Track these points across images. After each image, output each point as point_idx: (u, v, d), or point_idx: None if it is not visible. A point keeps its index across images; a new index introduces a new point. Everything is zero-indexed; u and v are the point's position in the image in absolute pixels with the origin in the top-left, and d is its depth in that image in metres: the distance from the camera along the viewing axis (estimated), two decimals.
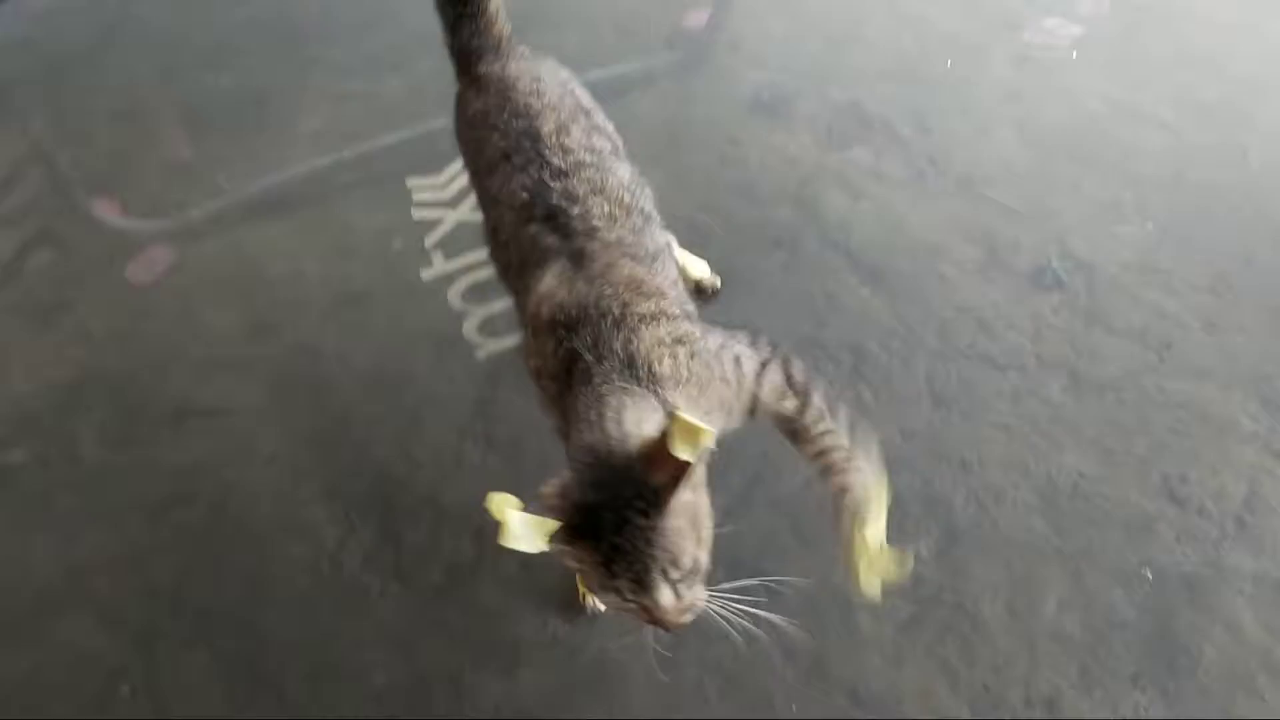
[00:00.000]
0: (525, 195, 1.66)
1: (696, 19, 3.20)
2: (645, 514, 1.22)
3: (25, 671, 1.99)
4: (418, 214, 2.66)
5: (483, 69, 1.87)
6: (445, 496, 2.12)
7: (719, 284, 2.39)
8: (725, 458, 2.07)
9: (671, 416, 1.18)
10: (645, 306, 1.49)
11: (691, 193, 2.66)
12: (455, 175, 2.74)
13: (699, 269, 2.39)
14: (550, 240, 1.60)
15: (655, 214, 1.79)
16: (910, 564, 1.59)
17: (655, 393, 1.40)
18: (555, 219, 1.62)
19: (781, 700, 1.79)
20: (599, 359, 1.42)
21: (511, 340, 2.37)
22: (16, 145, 3.14)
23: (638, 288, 1.52)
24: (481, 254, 2.60)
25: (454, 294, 2.49)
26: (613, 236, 1.60)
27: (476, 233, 2.66)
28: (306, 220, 2.24)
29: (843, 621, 1.88)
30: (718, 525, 1.36)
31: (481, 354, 2.36)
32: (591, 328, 1.45)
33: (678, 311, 1.54)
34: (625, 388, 1.39)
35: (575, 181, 1.65)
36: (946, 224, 2.52)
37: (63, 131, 3.17)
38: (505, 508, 1.18)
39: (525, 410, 2.01)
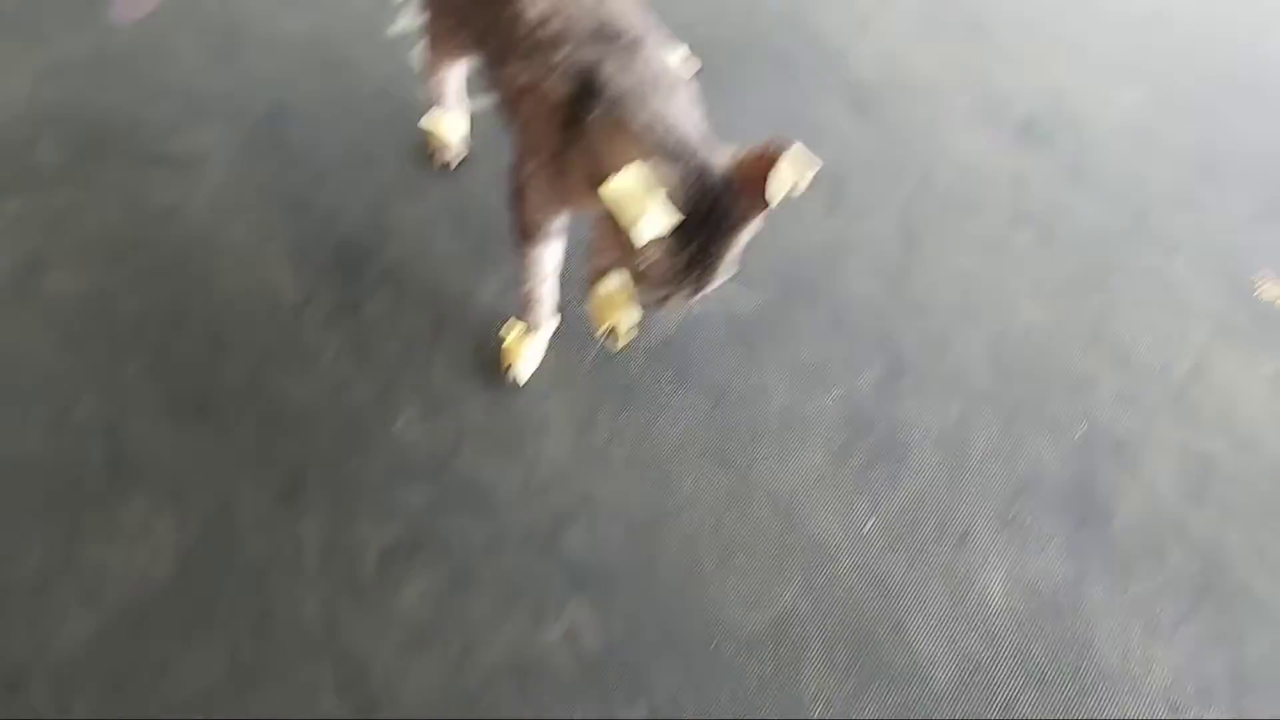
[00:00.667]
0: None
1: None
2: (730, 231, 1.30)
3: None
4: None
5: None
6: (407, 274, 2.12)
7: (698, 65, 2.30)
8: None
9: (778, 149, 1.23)
10: (654, 31, 1.53)
11: (696, 4, 2.58)
12: None
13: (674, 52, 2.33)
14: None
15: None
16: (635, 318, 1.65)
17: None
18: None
19: (707, 504, 1.84)
20: (630, 68, 1.42)
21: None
22: None
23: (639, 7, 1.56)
24: None
25: (418, 51, 2.45)
26: None
27: None
28: None
29: (779, 438, 1.91)
30: None
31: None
32: (611, 44, 1.45)
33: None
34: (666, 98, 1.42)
35: None
36: (947, 66, 2.46)
37: None
38: (650, 188, 1.22)
39: (492, 200, 2.00)
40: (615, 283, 1.50)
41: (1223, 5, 2.58)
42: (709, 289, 1.37)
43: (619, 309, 1.52)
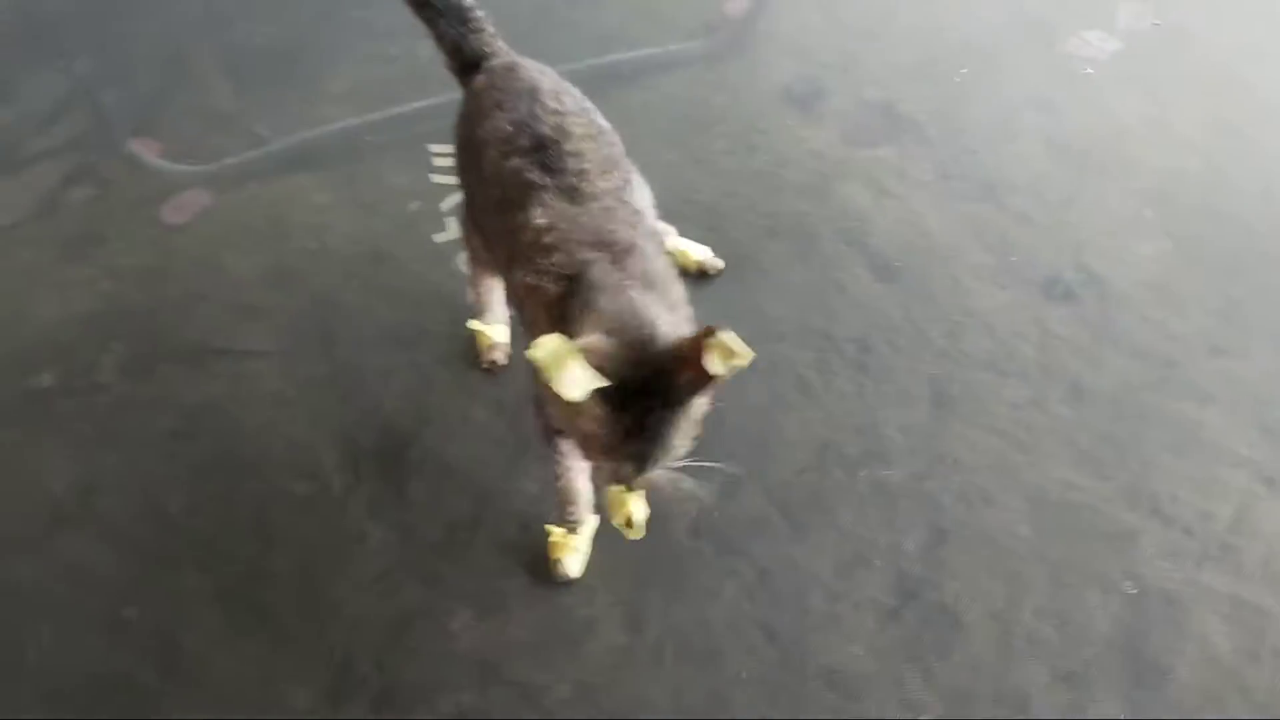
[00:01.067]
0: (509, 128, 1.70)
1: (737, 6, 3.22)
2: (669, 406, 1.34)
3: (31, 583, 2.06)
4: (436, 179, 2.71)
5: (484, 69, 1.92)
6: (450, 454, 2.18)
7: (721, 266, 2.43)
8: (720, 445, 2.13)
9: (710, 332, 1.27)
10: (651, 242, 1.62)
11: (714, 178, 2.69)
12: None
13: (700, 252, 2.43)
14: (536, 176, 1.64)
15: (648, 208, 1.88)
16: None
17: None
18: (544, 151, 1.65)
19: (754, 677, 1.84)
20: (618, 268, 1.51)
21: None
22: (61, 82, 3.20)
23: (638, 223, 1.63)
24: None
25: (462, 260, 2.55)
26: (604, 185, 1.64)
27: None
28: (335, 176, 2.30)
29: (826, 607, 1.92)
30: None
31: None
32: (605, 250, 1.53)
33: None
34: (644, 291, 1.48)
35: (569, 121, 1.71)
36: (965, 227, 2.54)
37: (107, 71, 3.23)
38: (568, 350, 1.25)
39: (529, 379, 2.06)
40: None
41: (1233, 158, 2.66)
42: (658, 464, 1.40)
43: (630, 499, 1.59)
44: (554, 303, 1.52)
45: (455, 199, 2.26)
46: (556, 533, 1.96)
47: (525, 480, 2.12)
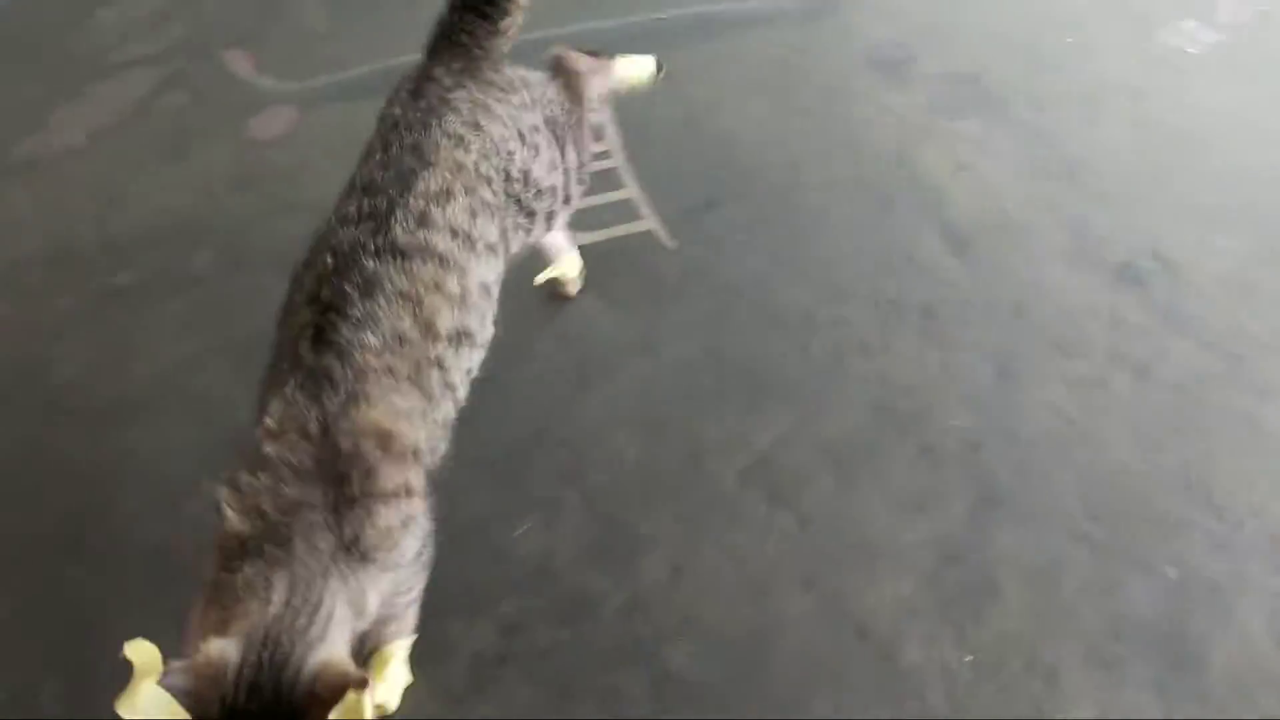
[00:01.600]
0: (328, 258, 1.49)
1: None
2: None
3: (119, 453, 2.15)
4: None
5: (439, 67, 1.76)
6: (512, 380, 2.22)
7: (577, 289, 2.33)
8: (782, 398, 2.16)
9: (357, 683, 1.12)
10: (391, 479, 1.35)
11: (793, 138, 2.70)
12: None
13: (571, 265, 2.28)
14: (304, 347, 1.42)
15: (487, 327, 1.64)
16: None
17: (357, 576, 1.30)
18: (330, 310, 1.43)
19: (791, 625, 1.88)
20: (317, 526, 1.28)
21: (596, 236, 2.49)
22: None
23: (387, 445, 1.36)
24: None
25: None
26: (384, 361, 1.41)
27: None
28: None
29: (865, 565, 1.95)
30: None
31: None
32: (322, 488, 1.30)
33: (419, 482, 1.42)
34: (336, 572, 1.28)
35: (394, 269, 1.46)
36: (1042, 205, 2.53)
37: None
38: (144, 669, 1.12)
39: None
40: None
41: None
42: None
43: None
44: (229, 543, 1.30)
45: None
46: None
47: (583, 407, 2.16)
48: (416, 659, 1.74)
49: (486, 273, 1.59)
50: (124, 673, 1.79)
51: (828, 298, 2.37)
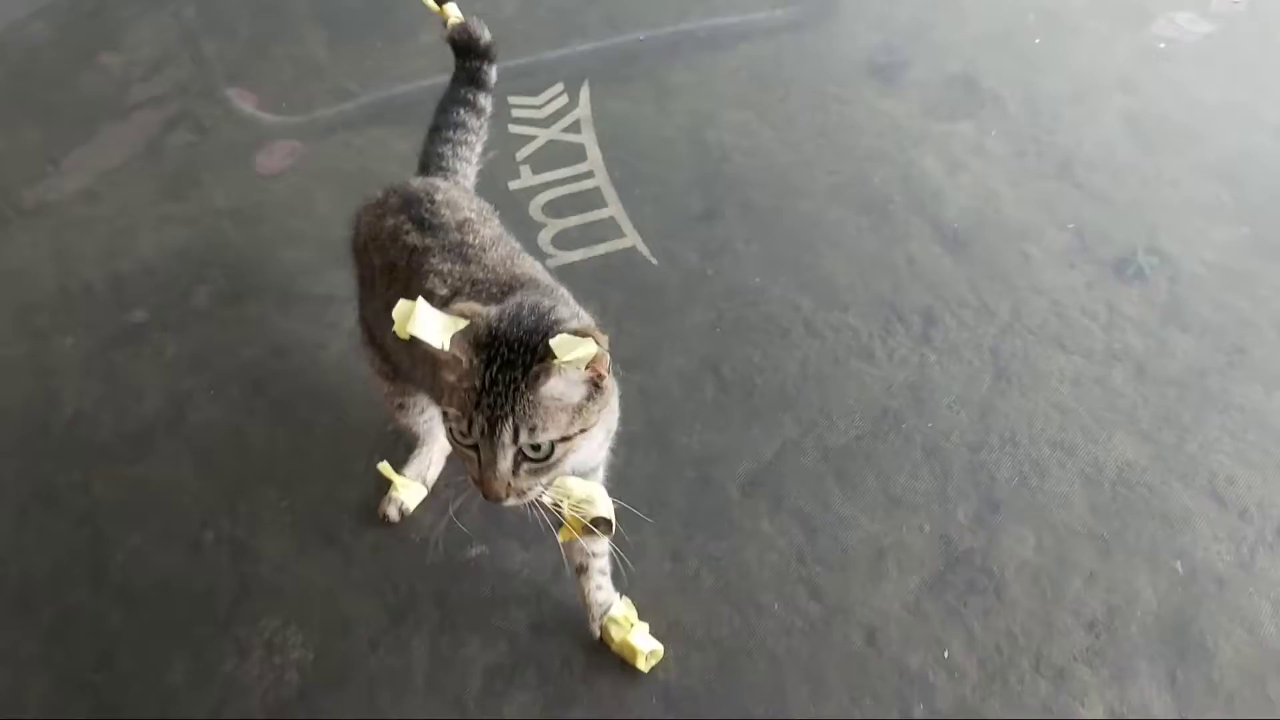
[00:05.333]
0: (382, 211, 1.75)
1: None
2: (525, 373, 1.29)
3: (120, 494, 2.18)
4: (514, 129, 2.79)
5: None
6: None
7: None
8: (783, 407, 2.18)
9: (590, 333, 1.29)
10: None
11: (789, 146, 2.72)
12: (552, 98, 2.93)
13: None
14: (416, 238, 1.67)
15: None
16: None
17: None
18: (416, 205, 1.71)
19: (799, 632, 1.89)
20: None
21: (580, 255, 2.52)
22: (169, 30, 3.35)
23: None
24: (563, 171, 2.72)
25: (535, 207, 2.62)
26: (488, 232, 1.69)
27: (563, 151, 2.79)
28: (418, 127, 2.38)
29: (872, 570, 1.96)
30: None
31: (552, 264, 2.47)
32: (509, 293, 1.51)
33: None
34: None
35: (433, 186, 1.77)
36: (1039, 205, 2.54)
37: (210, 20, 3.36)
38: (419, 303, 1.28)
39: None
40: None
41: None
42: (515, 434, 1.31)
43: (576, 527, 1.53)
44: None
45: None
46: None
47: None
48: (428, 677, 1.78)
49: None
50: (145, 699, 1.85)
51: (827, 304, 2.38)
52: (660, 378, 2.26)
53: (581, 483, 1.49)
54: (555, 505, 1.46)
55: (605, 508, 1.50)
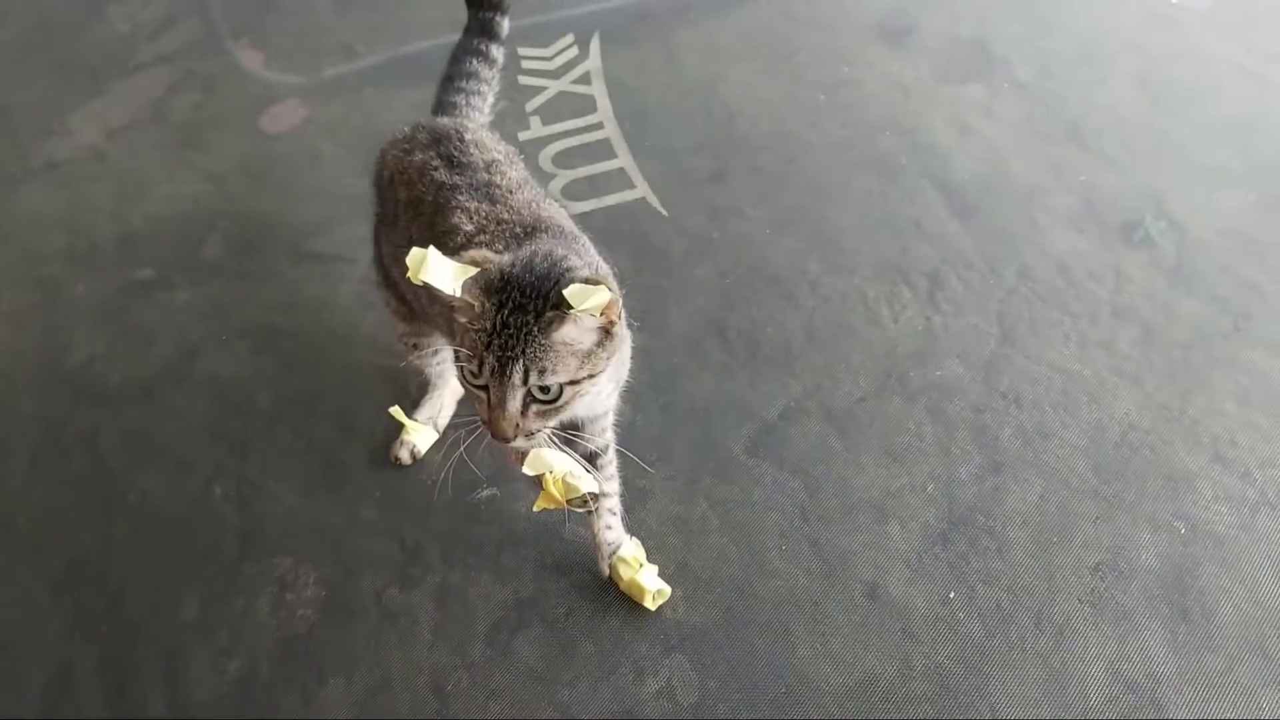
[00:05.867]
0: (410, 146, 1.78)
1: None
2: (537, 317, 1.33)
3: (138, 430, 2.23)
4: (523, 80, 2.79)
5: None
6: None
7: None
8: (788, 368, 2.19)
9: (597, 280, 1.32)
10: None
11: (798, 109, 2.71)
12: (562, 49, 2.96)
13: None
14: (445, 174, 1.69)
15: None
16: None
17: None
18: (445, 142, 1.73)
19: (803, 589, 1.91)
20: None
21: (590, 205, 2.53)
22: None
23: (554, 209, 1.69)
24: (573, 122, 2.72)
25: (545, 157, 2.64)
26: (515, 174, 1.73)
27: (574, 102, 2.81)
28: (426, 87, 2.38)
29: (874, 528, 1.97)
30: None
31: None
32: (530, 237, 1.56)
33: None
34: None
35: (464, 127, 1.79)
36: (1048, 169, 2.54)
37: None
38: (430, 250, 1.30)
39: None
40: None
41: None
42: (524, 376, 1.34)
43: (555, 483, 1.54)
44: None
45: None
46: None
47: None
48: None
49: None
50: (159, 647, 1.88)
51: (833, 266, 2.39)
52: (668, 336, 2.27)
53: (562, 458, 1.51)
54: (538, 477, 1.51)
55: (587, 484, 1.52)
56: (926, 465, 2.05)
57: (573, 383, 1.38)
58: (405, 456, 2.11)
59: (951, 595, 1.87)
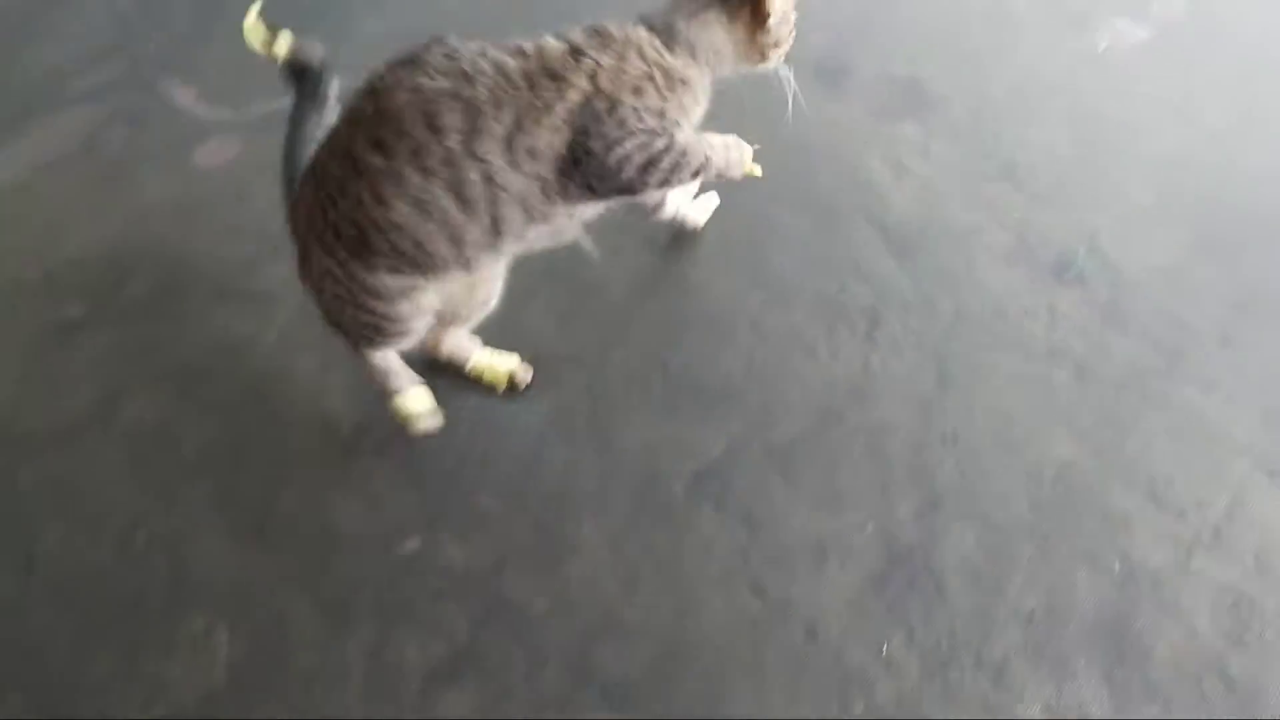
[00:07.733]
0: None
1: None
2: None
3: (48, 481, 2.15)
4: None
5: None
6: (453, 404, 2.22)
7: (529, 378, 2.26)
8: (727, 399, 2.17)
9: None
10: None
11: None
12: None
13: (508, 363, 2.26)
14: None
15: None
16: None
17: None
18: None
19: (741, 627, 1.88)
20: None
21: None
22: (105, 21, 3.28)
23: None
24: None
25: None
26: None
27: None
28: None
29: (814, 568, 1.95)
30: None
31: None
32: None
33: None
34: None
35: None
36: (983, 207, 2.56)
37: (147, 12, 3.31)
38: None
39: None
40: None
41: (1256, 149, 2.66)
42: None
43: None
44: None
45: None
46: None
47: (528, 418, 2.17)
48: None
49: None
50: (75, 703, 1.80)
51: (773, 305, 2.38)
52: (607, 375, 2.25)
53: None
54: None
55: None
56: (866, 505, 2.04)
57: None
58: (433, 423, 2.17)
59: (890, 638, 1.85)
